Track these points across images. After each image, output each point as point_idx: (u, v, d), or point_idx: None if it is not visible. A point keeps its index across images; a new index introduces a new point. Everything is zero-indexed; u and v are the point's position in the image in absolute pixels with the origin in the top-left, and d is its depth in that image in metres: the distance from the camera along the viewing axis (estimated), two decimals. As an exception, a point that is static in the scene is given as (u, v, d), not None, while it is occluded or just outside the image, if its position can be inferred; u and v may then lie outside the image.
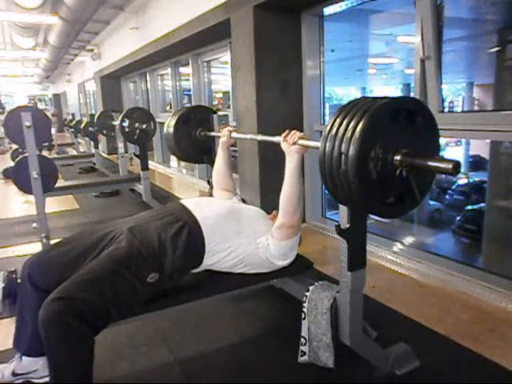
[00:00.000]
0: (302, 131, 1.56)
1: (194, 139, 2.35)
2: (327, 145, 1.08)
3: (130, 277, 1.36)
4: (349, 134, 1.03)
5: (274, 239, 1.60)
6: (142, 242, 1.45)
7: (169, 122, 2.33)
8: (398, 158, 1.08)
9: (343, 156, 1.04)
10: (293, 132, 1.55)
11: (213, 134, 2.28)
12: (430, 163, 1.04)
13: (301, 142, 1.50)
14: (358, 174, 1.02)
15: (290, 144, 1.52)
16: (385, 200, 1.13)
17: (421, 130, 1.14)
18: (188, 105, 5.70)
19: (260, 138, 1.76)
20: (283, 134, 1.57)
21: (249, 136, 2.01)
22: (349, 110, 1.08)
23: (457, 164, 0.98)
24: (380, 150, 1.06)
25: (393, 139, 1.08)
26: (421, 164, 1.06)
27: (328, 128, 1.10)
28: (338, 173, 1.06)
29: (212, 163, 2.20)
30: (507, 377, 1.44)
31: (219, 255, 1.57)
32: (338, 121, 1.08)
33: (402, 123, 1.10)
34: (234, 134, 2.05)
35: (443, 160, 1.03)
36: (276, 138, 1.62)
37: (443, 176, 11.38)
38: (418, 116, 1.12)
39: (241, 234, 1.61)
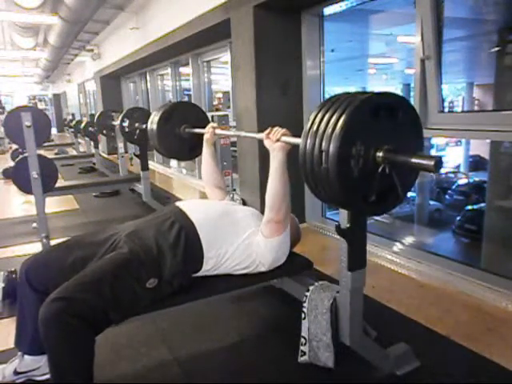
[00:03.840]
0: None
1: (178, 136, 2.31)
2: (308, 142, 1.07)
3: (129, 281, 1.36)
4: (329, 130, 1.01)
5: (263, 237, 1.59)
6: (142, 247, 1.46)
7: (152, 119, 2.30)
8: (380, 154, 1.06)
9: (324, 154, 1.02)
10: (275, 129, 1.52)
11: (196, 130, 2.23)
12: (413, 160, 1.02)
13: (284, 138, 1.47)
14: (339, 172, 1.01)
15: (274, 141, 1.50)
16: (367, 198, 1.11)
17: (404, 126, 1.12)
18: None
19: (243, 134, 1.72)
20: (266, 132, 1.54)
21: (232, 132, 1.97)
22: (330, 105, 1.07)
23: (438, 160, 0.97)
24: (361, 147, 1.04)
25: (375, 135, 1.06)
26: (403, 161, 1.04)
27: (309, 124, 1.09)
28: (319, 171, 1.04)
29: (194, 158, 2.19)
30: (507, 377, 1.44)
31: (217, 259, 1.57)
32: (319, 116, 1.07)
33: (385, 119, 1.08)
34: (218, 131, 2.05)
35: (425, 157, 1.01)
36: (259, 135, 1.59)
37: (443, 176, 11.39)
38: (400, 112, 1.10)
39: (236, 237, 1.60)
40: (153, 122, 2.29)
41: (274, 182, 1.52)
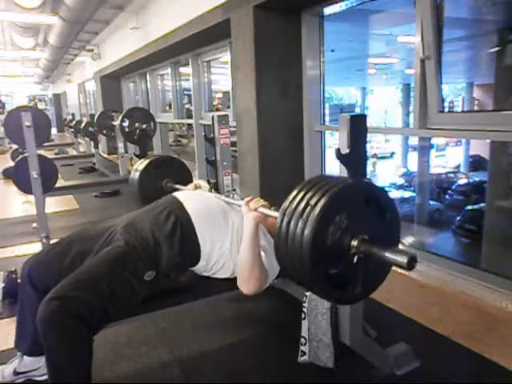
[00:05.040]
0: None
1: (158, 188, 2.31)
2: (284, 219, 1.05)
3: (126, 275, 1.36)
4: (312, 202, 1.00)
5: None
6: (138, 239, 1.45)
7: (137, 166, 2.33)
8: (354, 242, 1.03)
9: (309, 208, 1.00)
10: (257, 199, 1.53)
11: (178, 186, 2.24)
12: (386, 254, 0.99)
13: (261, 209, 1.48)
14: (315, 234, 0.98)
15: (251, 210, 1.50)
16: (329, 268, 1.06)
17: (384, 218, 1.11)
18: (188, 105, 5.70)
19: (223, 198, 1.75)
20: (247, 199, 1.55)
21: (213, 194, 1.99)
22: (313, 184, 1.06)
23: (412, 258, 0.94)
24: (339, 227, 1.02)
25: (355, 221, 1.04)
26: (376, 253, 1.01)
27: (289, 200, 1.07)
28: (294, 236, 1.01)
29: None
30: (507, 377, 1.44)
31: (211, 254, 1.55)
32: (301, 194, 1.05)
33: (366, 208, 1.07)
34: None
35: (399, 252, 0.97)
36: (239, 202, 1.60)
37: (443, 176, 11.39)
38: (381, 203, 1.10)
39: (230, 233, 1.58)
40: (137, 170, 2.31)
41: (242, 251, 1.49)
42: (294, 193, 1.08)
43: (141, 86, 7.31)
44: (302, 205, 1.03)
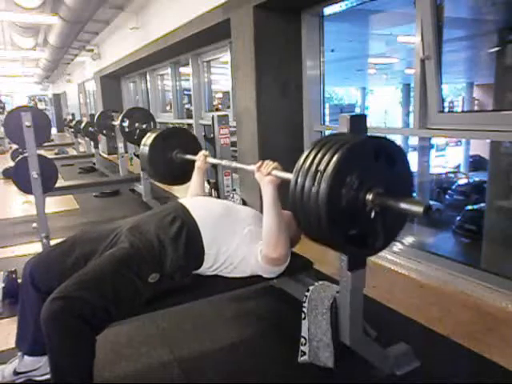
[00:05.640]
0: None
1: (169, 160, 2.33)
2: (299, 179, 1.06)
3: (130, 277, 1.36)
4: (323, 165, 1.02)
5: (261, 261, 1.55)
6: (143, 242, 1.46)
7: (145, 141, 2.33)
8: (369, 196, 1.05)
9: (319, 173, 1.02)
10: (266, 162, 1.53)
11: (188, 156, 2.25)
12: (401, 205, 1.00)
13: (274, 172, 1.47)
14: (330, 192, 0.99)
15: (264, 174, 1.49)
16: (348, 230, 1.08)
17: (397, 171, 1.12)
18: (188, 105, 5.71)
19: (234, 165, 1.74)
20: (257, 164, 1.54)
21: (224, 162, 1.99)
22: (323, 143, 1.07)
23: (428, 207, 0.95)
24: (356, 180, 1.04)
25: (369, 176, 1.06)
26: (392, 205, 1.02)
27: (301, 161, 1.08)
28: (309, 195, 1.02)
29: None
30: (507, 377, 1.44)
31: (217, 257, 1.56)
32: (312, 154, 1.06)
33: (378, 162, 1.09)
34: (210, 159, 2.07)
35: (415, 202, 0.99)
36: (250, 167, 1.60)
37: (443, 176, 11.40)
38: (393, 156, 1.11)
39: (237, 236, 1.59)
40: (145, 144, 2.31)
41: (266, 217, 1.50)
42: (306, 154, 1.09)
43: (141, 86, 7.31)
44: (315, 165, 1.04)
